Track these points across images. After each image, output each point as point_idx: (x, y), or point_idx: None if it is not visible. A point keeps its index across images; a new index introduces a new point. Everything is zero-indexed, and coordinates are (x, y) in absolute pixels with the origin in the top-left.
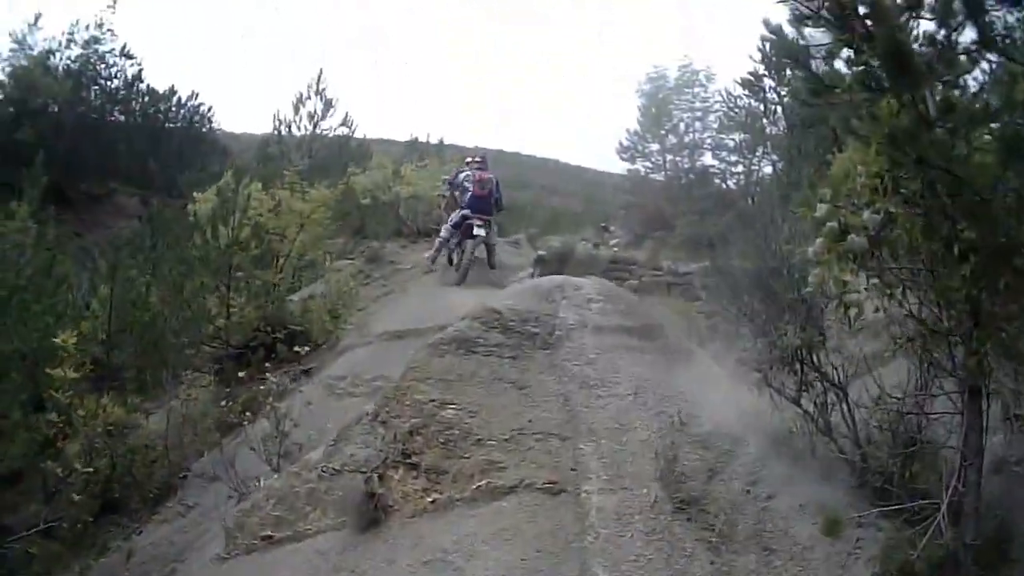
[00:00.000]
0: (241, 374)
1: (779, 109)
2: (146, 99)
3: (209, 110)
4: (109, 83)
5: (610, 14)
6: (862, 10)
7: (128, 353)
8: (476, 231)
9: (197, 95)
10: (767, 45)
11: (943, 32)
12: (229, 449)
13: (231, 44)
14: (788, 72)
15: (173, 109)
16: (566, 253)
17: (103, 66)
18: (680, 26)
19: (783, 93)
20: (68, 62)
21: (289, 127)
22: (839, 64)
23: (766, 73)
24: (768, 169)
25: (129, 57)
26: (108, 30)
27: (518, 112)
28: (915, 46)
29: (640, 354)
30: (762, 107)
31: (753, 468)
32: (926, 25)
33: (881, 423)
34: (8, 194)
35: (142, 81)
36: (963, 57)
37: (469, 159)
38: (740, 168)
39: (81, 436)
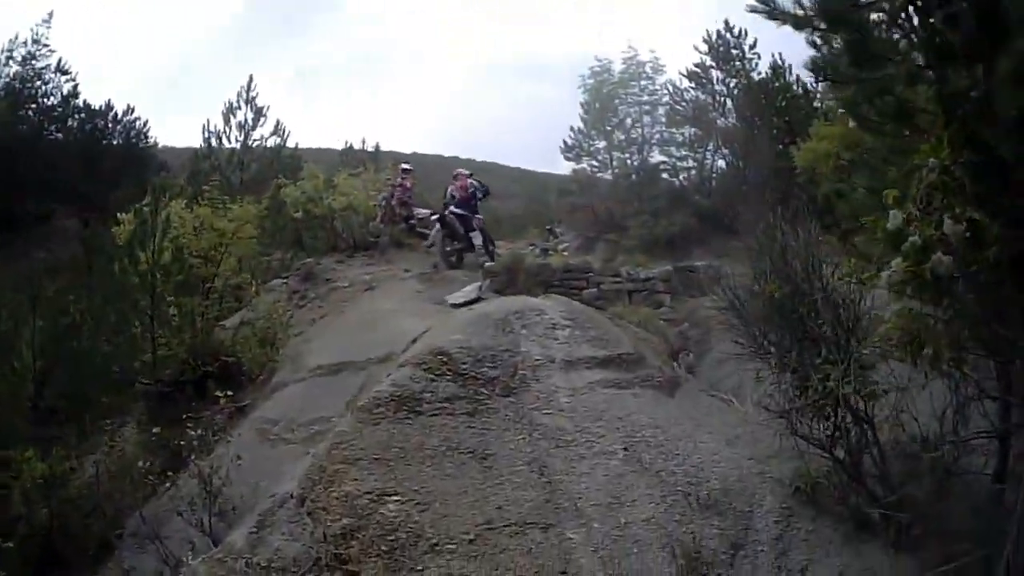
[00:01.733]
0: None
1: (728, 102)
2: (83, 116)
3: (145, 124)
4: (46, 100)
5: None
6: None
7: (55, 392)
8: (450, 218)
9: (133, 109)
10: (714, 34)
11: None
12: (163, 502)
13: (169, 51)
14: (738, 63)
15: (110, 125)
16: (516, 264)
17: (40, 83)
18: (623, 16)
19: (732, 85)
20: (6, 79)
21: (220, 139)
22: None
23: (713, 64)
24: (721, 163)
25: (64, 72)
26: (44, 45)
27: (457, 117)
28: None
29: (621, 392)
30: (710, 99)
31: (779, 532)
32: None
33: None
34: None
35: (77, 97)
36: None
37: (403, 166)
38: (691, 163)
39: (18, 487)
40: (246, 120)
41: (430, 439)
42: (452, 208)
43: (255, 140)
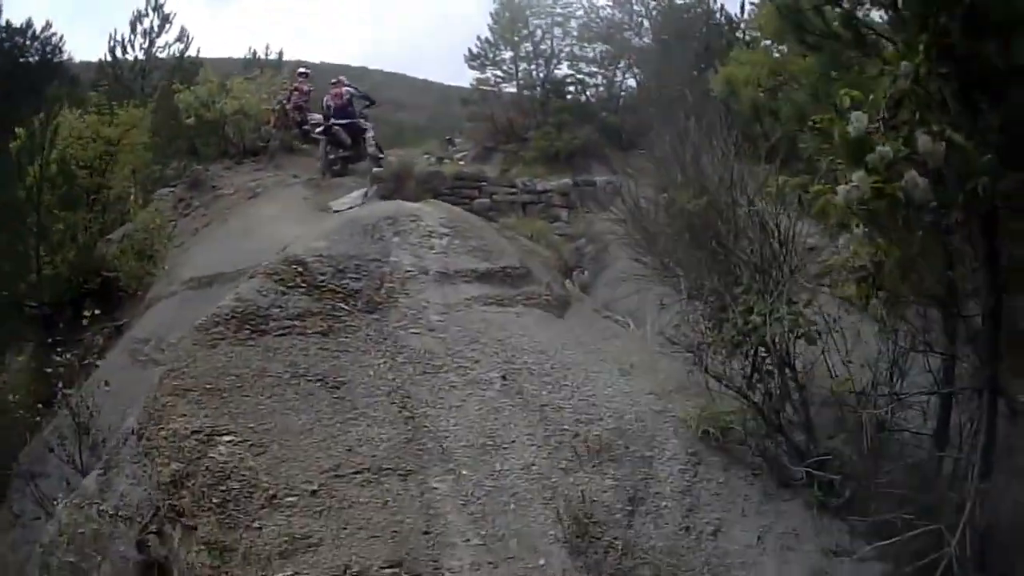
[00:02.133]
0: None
1: (645, 22)
2: (2, 35)
3: (61, 39)
4: None
5: None
6: None
7: None
8: (335, 128)
9: (50, 25)
10: None
11: None
12: (47, 435)
13: None
14: None
15: (28, 42)
16: (405, 170)
17: None
18: None
19: (651, 6)
20: None
21: (125, 48)
22: None
23: None
24: (632, 82)
25: None
26: None
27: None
28: None
29: (503, 310)
30: (627, 19)
31: (686, 484)
32: None
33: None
34: None
35: None
36: None
37: (300, 70)
38: (600, 80)
39: None
40: (151, 27)
41: (272, 364)
42: (333, 119)
43: (159, 48)
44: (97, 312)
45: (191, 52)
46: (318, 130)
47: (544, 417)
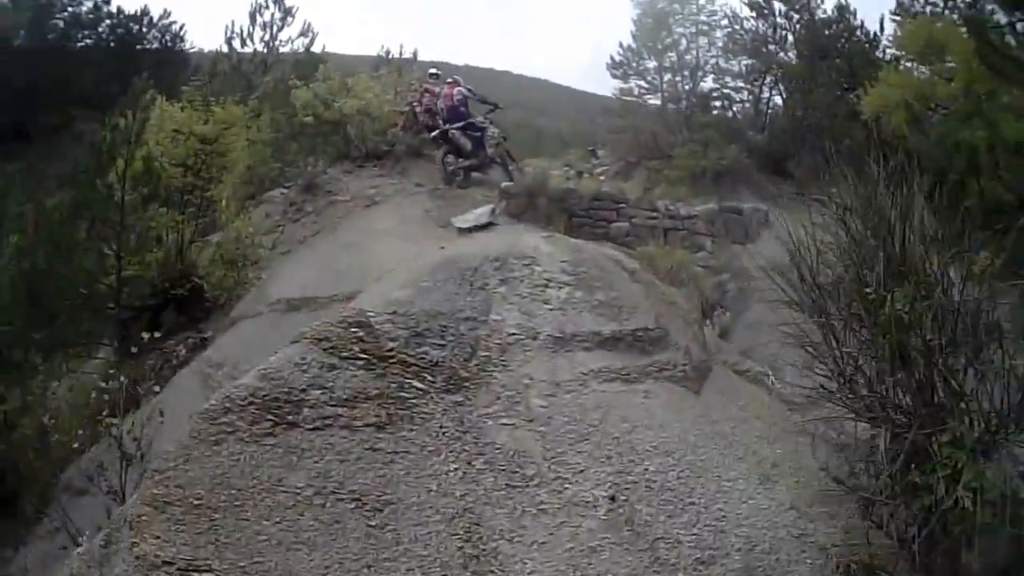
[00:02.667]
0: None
1: (789, 36)
2: (115, 21)
3: (182, 28)
4: (75, 7)
5: None
6: None
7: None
8: (452, 133)
9: (169, 13)
10: None
11: None
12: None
13: None
14: None
15: (144, 30)
16: (538, 186)
17: None
18: None
19: (795, 20)
20: None
21: (243, 40)
22: None
23: None
24: (777, 100)
25: None
26: None
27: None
28: None
29: (628, 388)
30: (771, 31)
31: None
32: None
33: None
34: None
35: (108, 3)
36: None
37: (431, 71)
38: (745, 95)
39: None
40: (272, 20)
41: (293, 473)
42: (447, 123)
43: (281, 43)
44: (182, 319)
45: (316, 48)
46: (432, 135)
47: (656, 559)
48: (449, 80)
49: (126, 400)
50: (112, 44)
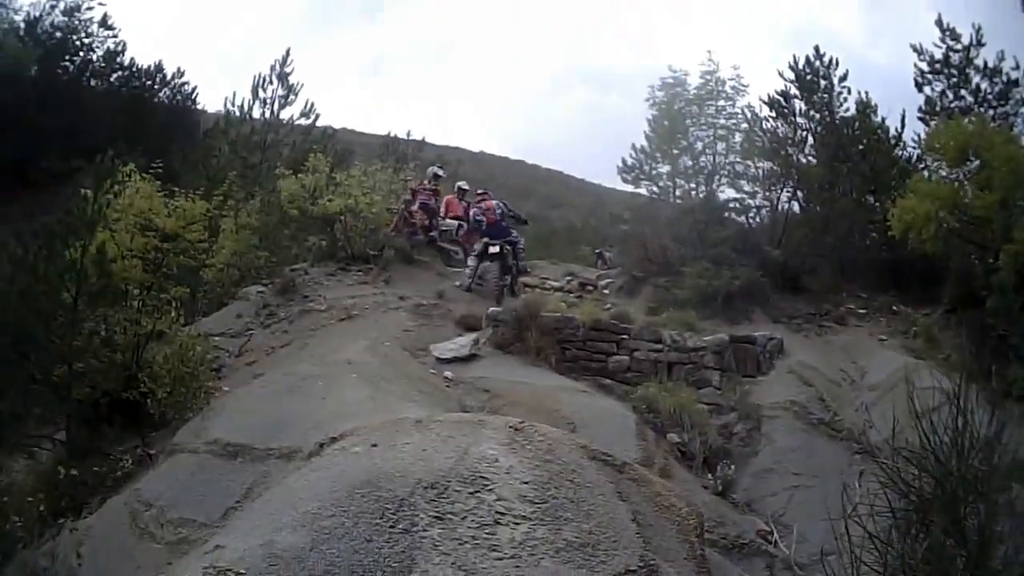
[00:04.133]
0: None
1: (810, 137)
2: (127, 73)
3: (194, 90)
4: (87, 53)
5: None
6: None
7: None
8: (492, 250)
9: (183, 73)
10: (802, 60)
11: None
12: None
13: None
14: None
15: (156, 86)
16: (529, 314)
17: (84, 35)
18: (707, 23)
19: (815, 119)
20: (48, 29)
21: (242, 114)
22: None
23: (797, 94)
24: (796, 207)
25: (109, 28)
26: None
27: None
28: None
29: None
30: (791, 133)
31: None
32: None
33: None
34: None
35: (122, 53)
36: None
37: (436, 170)
38: (760, 201)
39: None
40: (274, 96)
41: None
42: (486, 238)
43: (282, 121)
44: (132, 425)
45: (324, 124)
46: (474, 253)
47: None
48: (480, 191)
49: (70, 500)
50: (123, 95)
